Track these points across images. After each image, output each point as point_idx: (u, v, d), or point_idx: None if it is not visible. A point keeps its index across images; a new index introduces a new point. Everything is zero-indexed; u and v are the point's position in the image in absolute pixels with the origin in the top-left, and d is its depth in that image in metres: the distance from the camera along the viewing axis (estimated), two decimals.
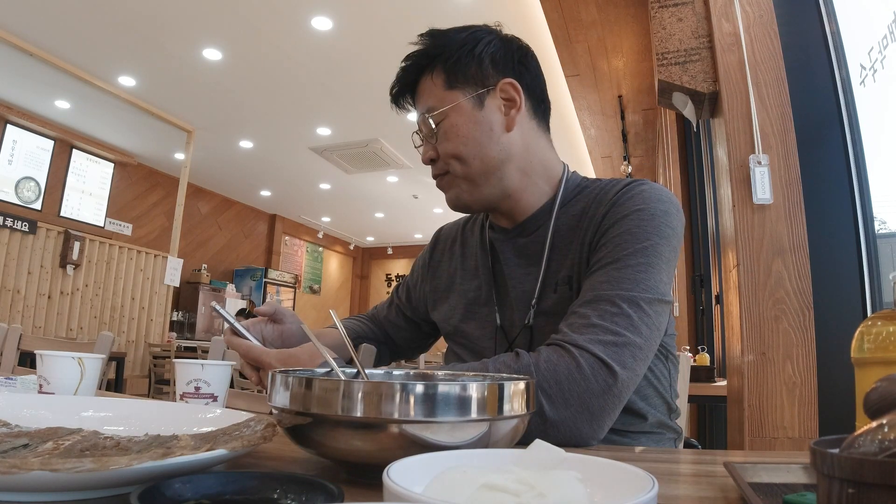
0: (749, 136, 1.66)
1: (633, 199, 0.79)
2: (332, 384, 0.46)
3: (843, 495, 0.28)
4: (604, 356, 0.67)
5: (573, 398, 0.66)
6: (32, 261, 6.07)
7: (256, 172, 8.05)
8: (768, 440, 1.50)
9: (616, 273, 0.73)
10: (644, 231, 0.75)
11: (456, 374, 0.65)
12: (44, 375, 0.82)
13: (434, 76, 0.85)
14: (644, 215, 0.77)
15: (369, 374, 0.66)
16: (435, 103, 0.84)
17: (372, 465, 0.44)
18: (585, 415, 0.66)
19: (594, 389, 0.66)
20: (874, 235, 1.56)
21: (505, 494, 0.31)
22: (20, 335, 1.98)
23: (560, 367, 0.67)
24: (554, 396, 0.66)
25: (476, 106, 0.83)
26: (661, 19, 1.92)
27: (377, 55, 4.76)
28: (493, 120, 0.84)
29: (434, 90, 0.85)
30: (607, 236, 0.78)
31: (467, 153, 0.83)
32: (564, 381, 0.66)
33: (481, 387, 0.46)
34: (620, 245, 0.75)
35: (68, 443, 0.48)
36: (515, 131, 0.85)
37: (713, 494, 0.46)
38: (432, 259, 1.07)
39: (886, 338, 0.47)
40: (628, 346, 0.68)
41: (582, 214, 0.84)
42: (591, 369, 0.66)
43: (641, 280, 0.72)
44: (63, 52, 4.84)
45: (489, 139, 0.83)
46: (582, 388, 0.66)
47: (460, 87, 0.84)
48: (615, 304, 0.70)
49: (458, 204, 0.89)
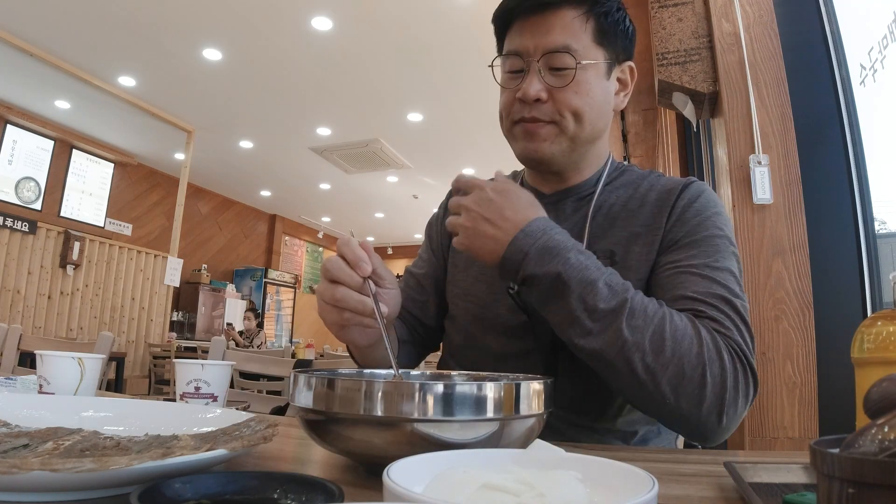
0: (749, 136, 1.66)
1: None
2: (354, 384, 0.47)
3: (844, 495, 0.28)
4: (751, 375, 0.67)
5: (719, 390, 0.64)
6: (32, 261, 6.07)
7: (256, 172, 8.05)
8: (768, 440, 1.50)
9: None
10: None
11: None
12: (44, 375, 0.82)
13: (587, 22, 0.79)
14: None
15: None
16: (579, 48, 0.78)
17: (388, 460, 0.45)
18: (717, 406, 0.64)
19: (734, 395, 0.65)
20: (874, 235, 1.56)
21: (505, 494, 0.31)
22: (20, 335, 1.98)
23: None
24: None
25: (606, 73, 0.82)
26: (660, 19, 1.92)
27: (377, 55, 4.76)
28: (611, 93, 0.84)
29: (581, 35, 0.78)
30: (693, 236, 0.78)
31: (589, 116, 0.80)
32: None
33: (497, 386, 0.47)
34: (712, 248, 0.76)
35: (68, 443, 0.48)
36: (613, 112, 0.86)
37: (713, 494, 0.46)
38: (446, 215, 0.99)
39: (886, 338, 0.47)
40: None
41: (633, 204, 0.84)
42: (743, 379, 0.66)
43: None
44: (63, 52, 4.84)
45: (606, 110, 0.83)
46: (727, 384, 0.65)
47: (605, 48, 0.80)
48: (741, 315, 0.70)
49: (542, 158, 0.83)
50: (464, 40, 4.32)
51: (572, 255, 0.67)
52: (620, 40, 0.82)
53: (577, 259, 0.67)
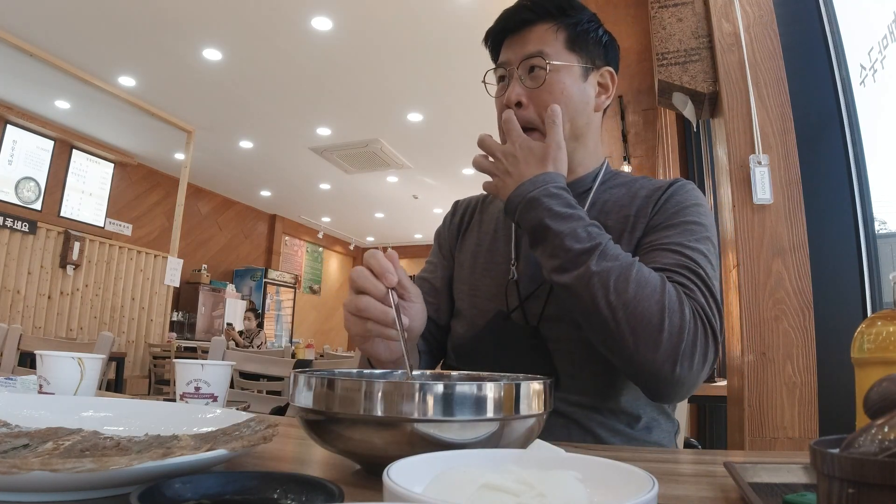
0: (749, 136, 1.66)
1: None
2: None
3: (843, 495, 0.28)
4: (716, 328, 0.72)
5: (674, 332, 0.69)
6: (32, 261, 6.07)
7: (256, 172, 8.05)
8: (768, 440, 1.50)
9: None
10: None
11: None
12: (44, 375, 0.82)
13: (558, 31, 0.89)
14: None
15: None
16: (551, 52, 0.88)
17: (388, 460, 0.45)
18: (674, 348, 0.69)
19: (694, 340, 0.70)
20: (874, 235, 1.56)
21: (505, 494, 0.31)
22: (20, 335, 1.98)
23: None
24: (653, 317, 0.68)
25: (582, 76, 0.90)
26: (661, 19, 1.92)
27: (377, 55, 4.76)
28: (590, 94, 0.92)
29: (554, 42, 0.89)
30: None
31: (566, 112, 0.87)
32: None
33: (497, 386, 0.47)
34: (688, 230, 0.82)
35: (68, 443, 0.48)
36: (598, 114, 0.95)
37: (713, 494, 0.46)
38: (451, 222, 1.10)
39: (886, 338, 0.47)
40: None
41: (625, 200, 0.90)
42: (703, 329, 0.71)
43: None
44: (63, 52, 4.84)
45: (584, 109, 0.90)
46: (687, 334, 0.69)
47: (577, 53, 0.90)
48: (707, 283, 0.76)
49: None
50: (464, 40, 4.31)
51: (556, 205, 0.76)
52: (593, 47, 0.91)
53: (561, 209, 0.76)
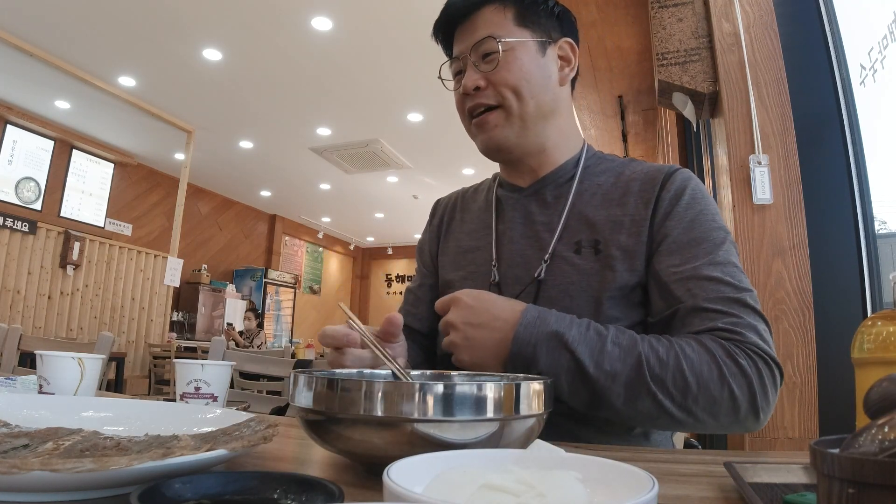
0: (749, 136, 1.66)
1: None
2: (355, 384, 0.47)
3: (843, 495, 0.28)
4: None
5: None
6: (32, 261, 6.07)
7: (256, 172, 8.04)
8: (768, 440, 1.50)
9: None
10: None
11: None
12: (44, 376, 0.82)
13: (506, 9, 0.85)
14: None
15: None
16: (502, 32, 0.84)
17: (388, 460, 0.45)
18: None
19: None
20: (874, 235, 1.56)
21: (505, 494, 0.31)
22: (20, 335, 1.98)
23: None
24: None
25: (539, 51, 0.85)
26: (661, 19, 1.92)
27: (377, 55, 4.76)
28: (551, 69, 0.87)
29: (503, 22, 0.85)
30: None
31: (527, 90, 0.83)
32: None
33: (497, 386, 0.47)
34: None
35: (68, 443, 0.48)
36: (565, 89, 0.89)
37: (713, 494, 0.46)
38: (431, 225, 1.07)
39: (886, 338, 0.47)
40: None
41: (614, 192, 0.85)
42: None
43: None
44: (63, 52, 4.84)
45: (546, 85, 0.85)
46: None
47: (530, 28, 0.85)
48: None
49: (498, 144, 0.86)
50: None
51: (574, 331, 0.69)
52: (546, 20, 0.87)
53: (579, 333, 0.69)
